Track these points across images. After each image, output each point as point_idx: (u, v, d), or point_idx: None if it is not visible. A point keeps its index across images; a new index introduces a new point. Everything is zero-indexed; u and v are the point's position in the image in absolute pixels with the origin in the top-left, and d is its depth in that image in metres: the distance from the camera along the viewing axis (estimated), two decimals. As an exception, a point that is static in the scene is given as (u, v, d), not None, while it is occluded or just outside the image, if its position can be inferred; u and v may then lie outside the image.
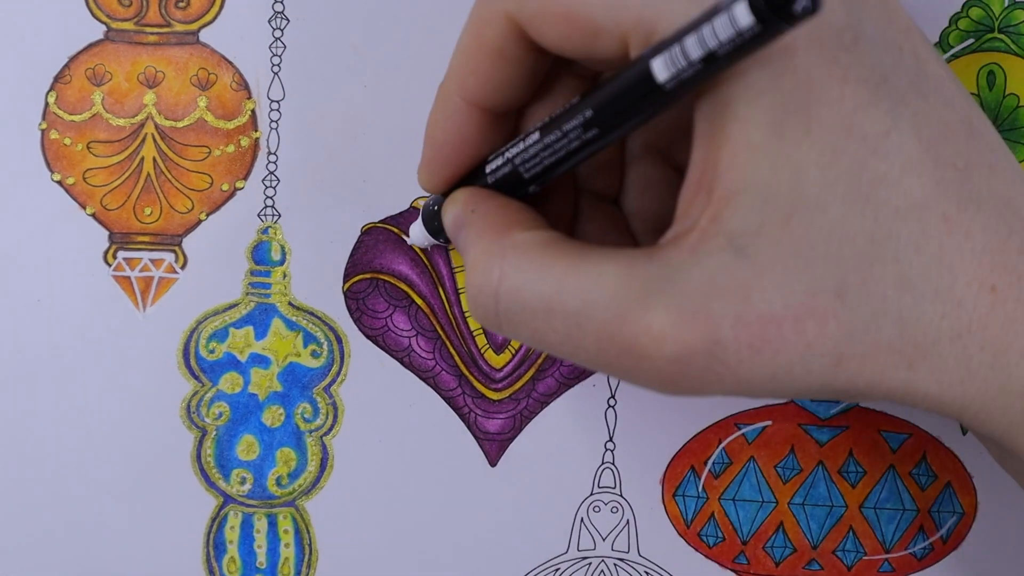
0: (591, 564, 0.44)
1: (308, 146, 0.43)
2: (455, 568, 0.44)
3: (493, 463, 0.44)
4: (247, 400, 0.43)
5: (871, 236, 0.28)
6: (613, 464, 0.44)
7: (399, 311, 0.43)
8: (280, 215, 0.43)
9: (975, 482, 0.44)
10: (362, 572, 0.44)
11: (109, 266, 0.43)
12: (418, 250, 0.43)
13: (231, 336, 0.43)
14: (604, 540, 0.44)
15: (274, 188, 0.43)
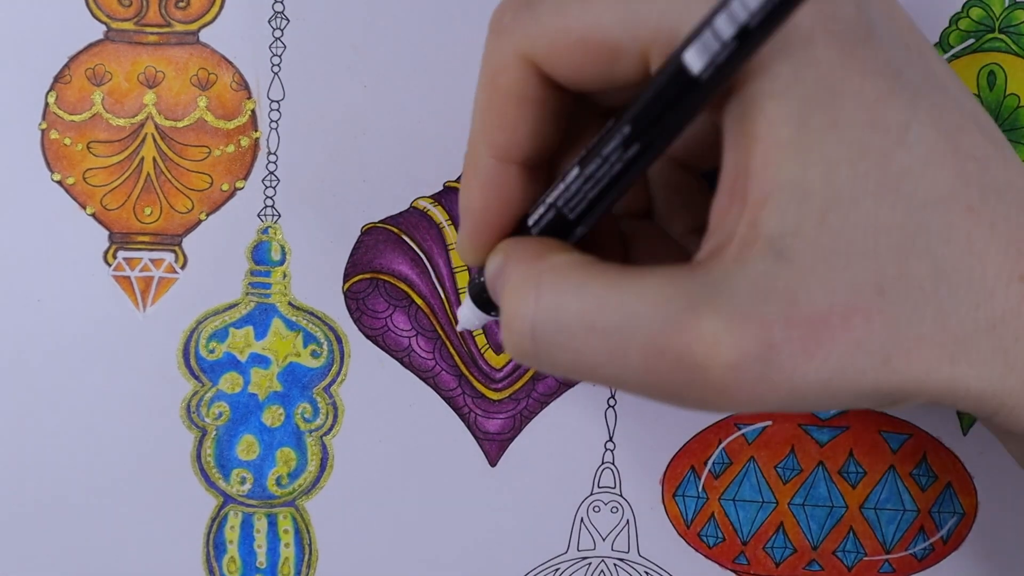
0: (591, 564, 0.44)
1: (308, 146, 0.43)
2: (455, 568, 0.44)
3: (493, 463, 0.44)
4: (247, 400, 0.43)
5: (903, 229, 0.28)
6: (613, 464, 0.44)
7: (399, 311, 0.43)
8: (280, 215, 0.43)
9: (976, 482, 0.44)
10: (362, 572, 0.44)
11: (109, 266, 0.43)
12: (422, 254, 0.43)
13: (231, 336, 0.43)
14: (604, 540, 0.44)
15: (274, 188, 0.43)
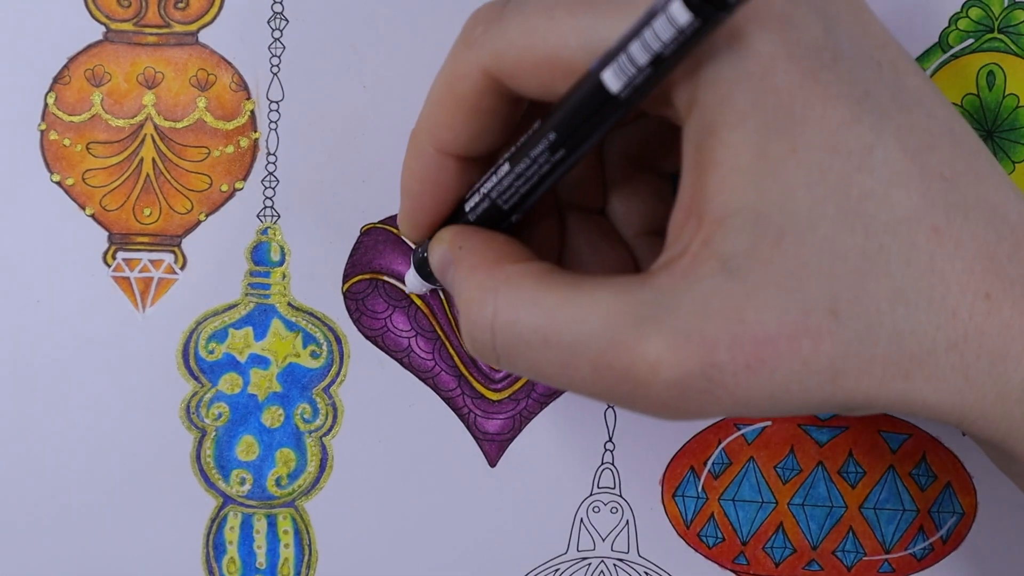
0: (591, 564, 0.44)
1: (307, 147, 0.43)
2: (455, 569, 0.44)
3: (493, 463, 0.44)
4: (247, 401, 0.43)
5: (862, 251, 0.28)
6: (613, 464, 0.44)
7: (398, 312, 0.43)
8: (279, 216, 0.43)
9: (975, 482, 0.44)
10: (362, 573, 0.44)
11: (108, 267, 0.43)
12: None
13: (230, 337, 0.43)
14: (604, 540, 0.44)
15: (273, 189, 0.43)
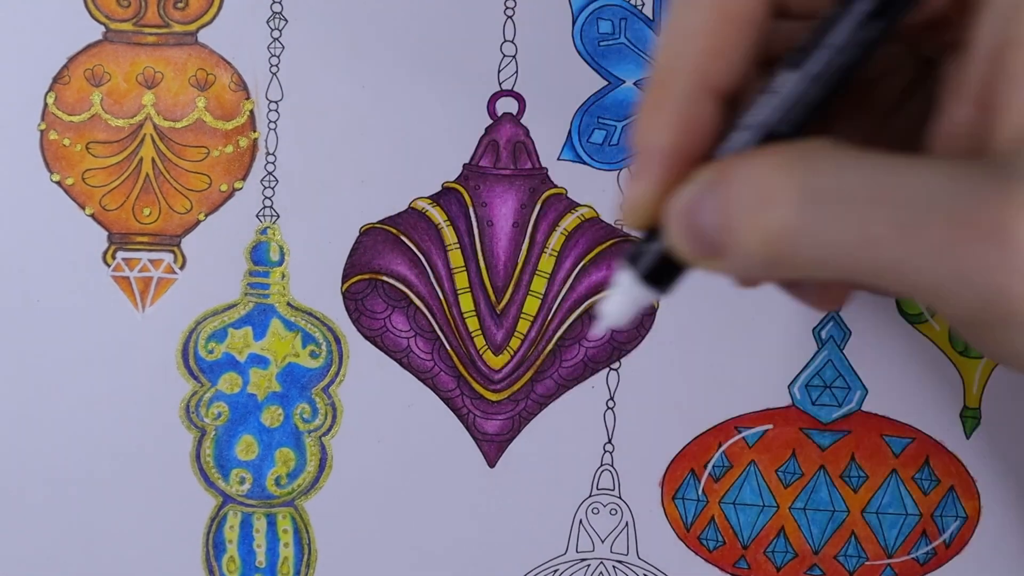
0: (590, 566, 0.44)
1: (307, 147, 0.43)
2: (453, 569, 0.44)
3: (492, 464, 0.44)
4: (246, 400, 0.43)
5: None
6: (612, 466, 0.44)
7: (398, 312, 0.43)
8: (279, 215, 0.43)
9: (978, 486, 0.43)
10: (361, 572, 0.44)
11: (108, 266, 0.43)
12: (420, 255, 0.43)
13: (230, 336, 0.43)
14: (603, 542, 0.44)
15: (273, 188, 0.43)
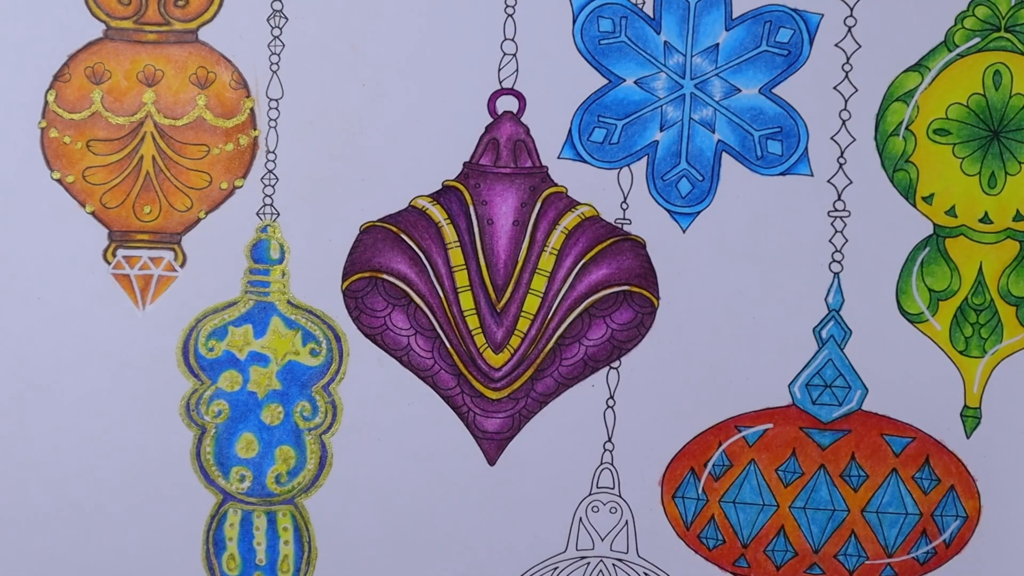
0: (590, 564, 0.44)
1: (307, 145, 0.43)
2: (453, 566, 0.44)
3: (492, 462, 0.44)
4: (246, 398, 0.44)
5: None
6: (612, 464, 0.44)
7: (398, 310, 0.43)
8: (279, 213, 0.43)
9: (979, 486, 0.43)
10: (361, 570, 0.44)
11: (109, 264, 0.43)
12: (420, 253, 0.43)
13: (230, 334, 0.43)
14: (603, 540, 0.44)
15: (273, 187, 0.43)
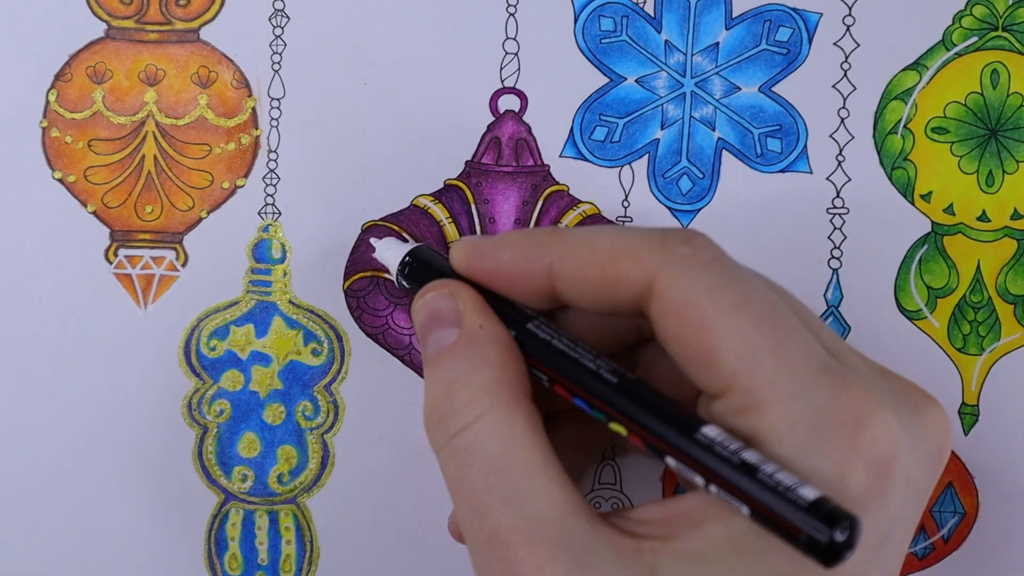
0: (591, 562, 0.44)
1: (309, 144, 0.43)
2: (455, 565, 0.44)
3: (493, 461, 0.44)
4: (248, 398, 0.44)
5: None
6: (614, 461, 0.44)
7: (399, 309, 0.43)
8: (281, 213, 0.43)
9: (977, 483, 0.43)
10: (363, 569, 0.44)
11: (110, 264, 0.43)
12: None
13: (232, 334, 0.43)
14: (604, 538, 0.44)
15: (275, 186, 0.43)
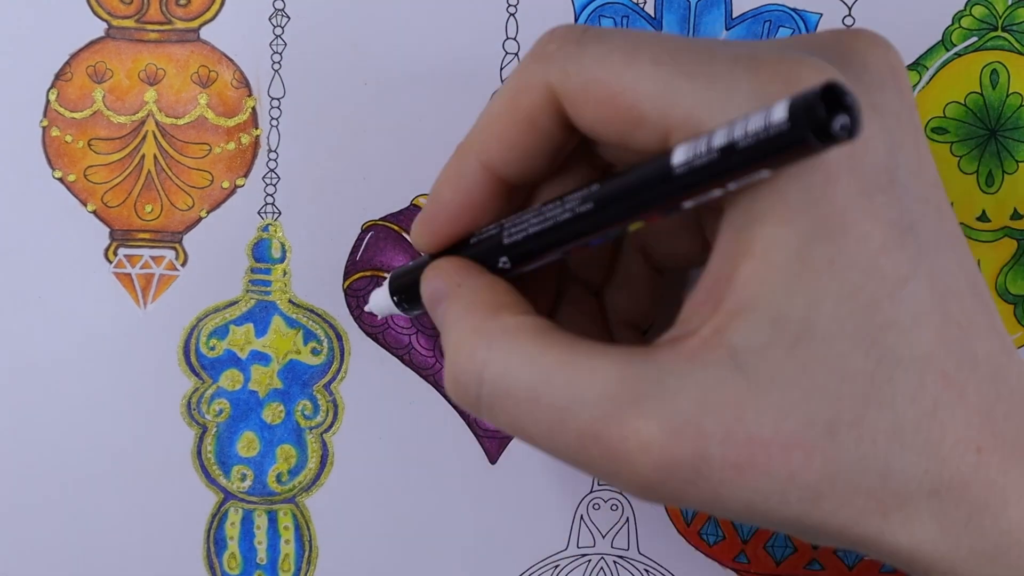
0: (591, 561, 0.44)
1: (308, 144, 0.43)
2: (455, 565, 0.44)
3: (493, 460, 0.44)
4: (247, 397, 0.44)
5: (871, 379, 0.28)
6: (613, 462, 0.44)
7: (399, 309, 0.43)
8: (280, 212, 0.43)
9: (976, 482, 0.43)
10: (362, 569, 0.44)
11: (110, 263, 0.43)
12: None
13: (231, 333, 0.43)
14: (604, 537, 0.44)
15: (274, 185, 0.43)
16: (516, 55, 0.43)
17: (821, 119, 0.24)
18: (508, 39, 0.43)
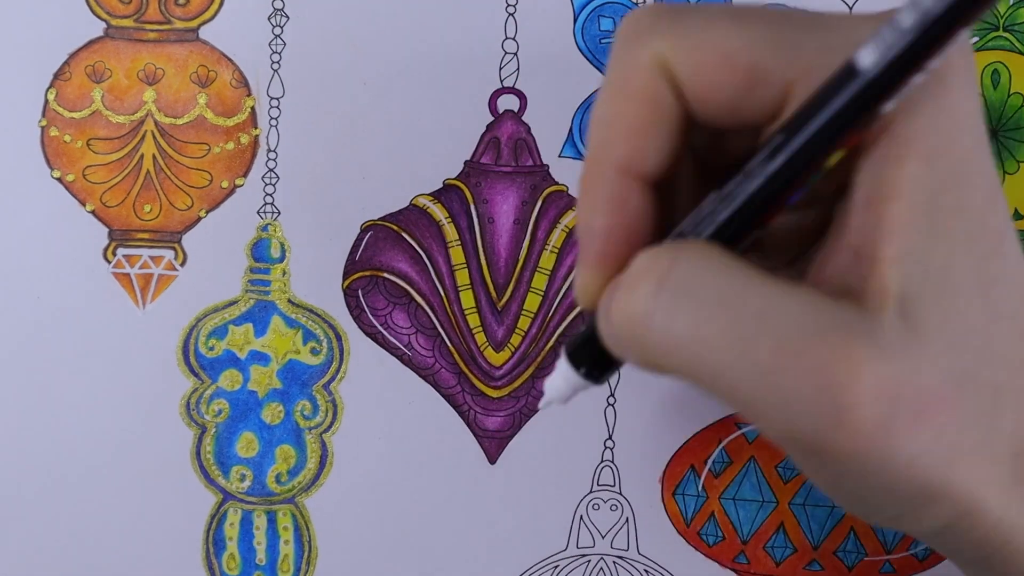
0: (590, 561, 0.44)
1: (308, 143, 0.43)
2: (454, 565, 0.44)
3: (492, 460, 0.44)
4: (246, 397, 0.43)
5: (988, 332, 0.28)
6: (612, 462, 0.44)
7: (398, 308, 0.43)
8: (280, 212, 0.43)
9: (977, 483, 0.43)
10: (361, 569, 0.44)
11: (109, 263, 0.43)
12: (421, 252, 0.43)
13: (230, 333, 0.43)
14: (603, 538, 0.44)
15: (274, 185, 0.43)
16: (515, 55, 0.43)
17: None
18: (507, 39, 0.43)
